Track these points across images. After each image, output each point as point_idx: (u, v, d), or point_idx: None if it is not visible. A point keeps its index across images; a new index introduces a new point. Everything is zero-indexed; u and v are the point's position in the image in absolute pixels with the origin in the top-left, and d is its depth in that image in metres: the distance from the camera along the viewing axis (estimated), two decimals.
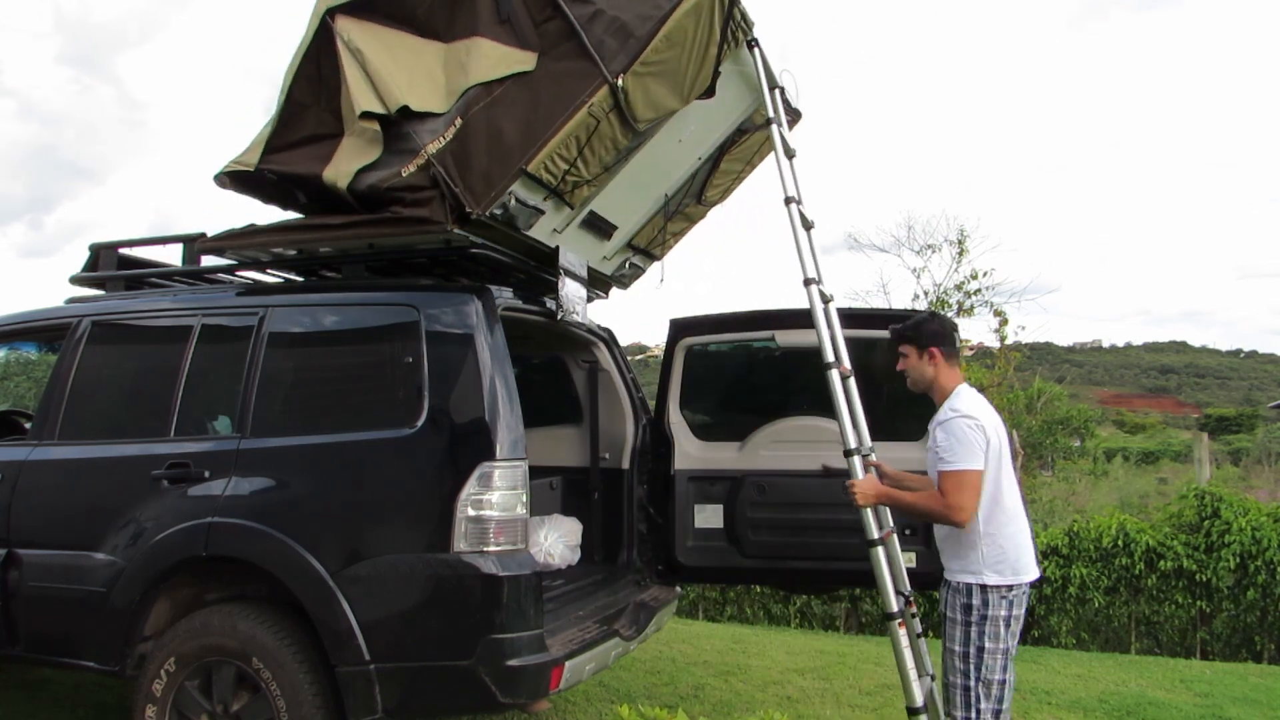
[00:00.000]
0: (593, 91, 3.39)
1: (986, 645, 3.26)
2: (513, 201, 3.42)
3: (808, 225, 3.94)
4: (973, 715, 3.26)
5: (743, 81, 4.11)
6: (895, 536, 3.71)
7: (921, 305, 12.18)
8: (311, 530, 3.35)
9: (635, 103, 3.47)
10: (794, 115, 4.57)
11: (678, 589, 4.90)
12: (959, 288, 12.24)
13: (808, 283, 3.77)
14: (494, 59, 3.53)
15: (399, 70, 3.54)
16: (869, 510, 3.54)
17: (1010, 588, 3.28)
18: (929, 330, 3.54)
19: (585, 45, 3.42)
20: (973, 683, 3.28)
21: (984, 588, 3.27)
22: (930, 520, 3.41)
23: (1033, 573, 3.34)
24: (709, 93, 3.71)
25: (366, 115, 3.46)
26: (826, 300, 3.82)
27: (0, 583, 3.80)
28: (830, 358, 3.71)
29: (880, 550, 3.54)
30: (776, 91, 4.16)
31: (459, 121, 3.44)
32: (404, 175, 3.42)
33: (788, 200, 3.85)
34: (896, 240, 13.97)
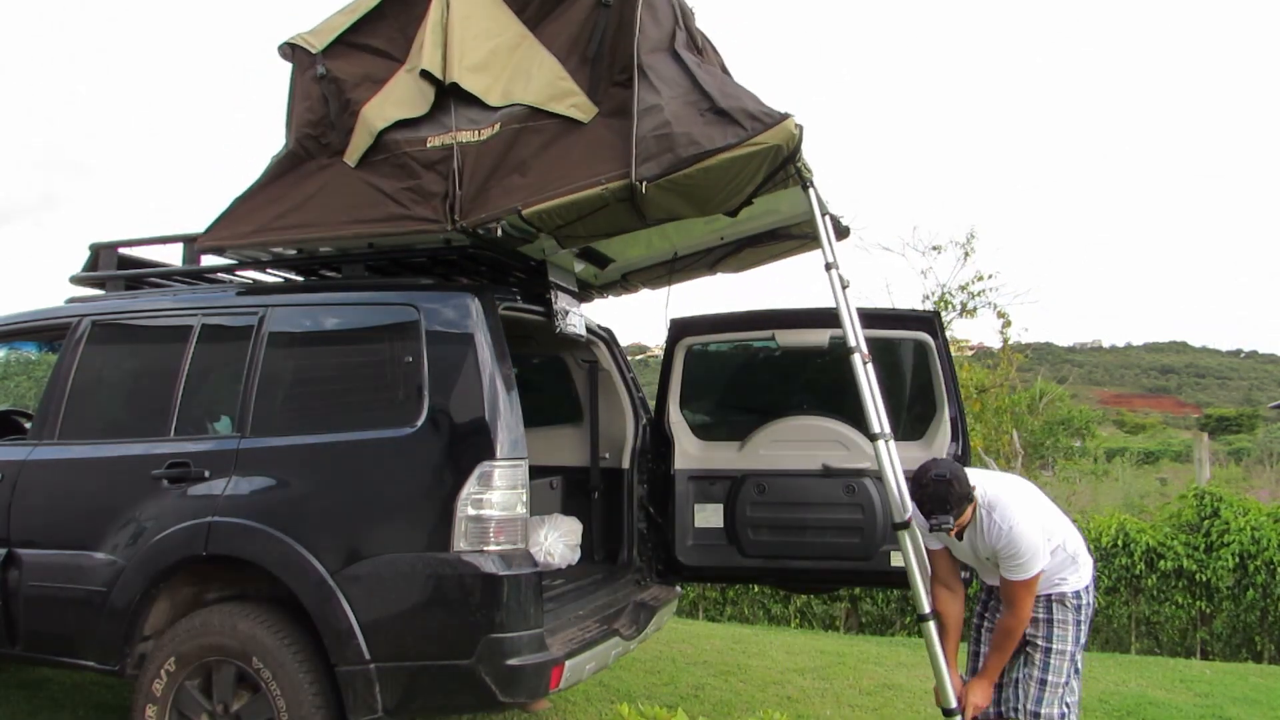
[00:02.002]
0: (613, 178, 3.27)
1: (1084, 640, 3.42)
2: (499, 232, 3.39)
3: (824, 211, 3.89)
4: (1067, 711, 3.35)
5: (785, 201, 3.92)
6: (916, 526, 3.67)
7: (928, 305, 12.17)
8: (312, 529, 3.35)
9: (649, 205, 3.32)
10: (842, 233, 4.34)
11: (678, 588, 4.90)
12: (963, 288, 12.24)
13: (828, 267, 3.74)
14: (557, 90, 3.44)
15: (474, 42, 3.47)
16: (921, 589, 3.48)
17: (1094, 578, 3.51)
18: (938, 494, 3.28)
19: (630, 131, 3.28)
20: (1069, 679, 3.38)
21: (1086, 588, 3.44)
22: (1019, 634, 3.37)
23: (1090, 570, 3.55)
24: (731, 214, 3.60)
25: (425, 74, 3.44)
26: (845, 285, 3.75)
27: (0, 582, 3.80)
28: (853, 343, 3.62)
29: (932, 624, 3.48)
30: (828, 219, 3.88)
31: (497, 127, 3.40)
32: (427, 146, 3.41)
33: (827, 266, 3.71)
34: (903, 241, 13.98)
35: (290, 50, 3.76)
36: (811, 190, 3.62)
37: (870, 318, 4.16)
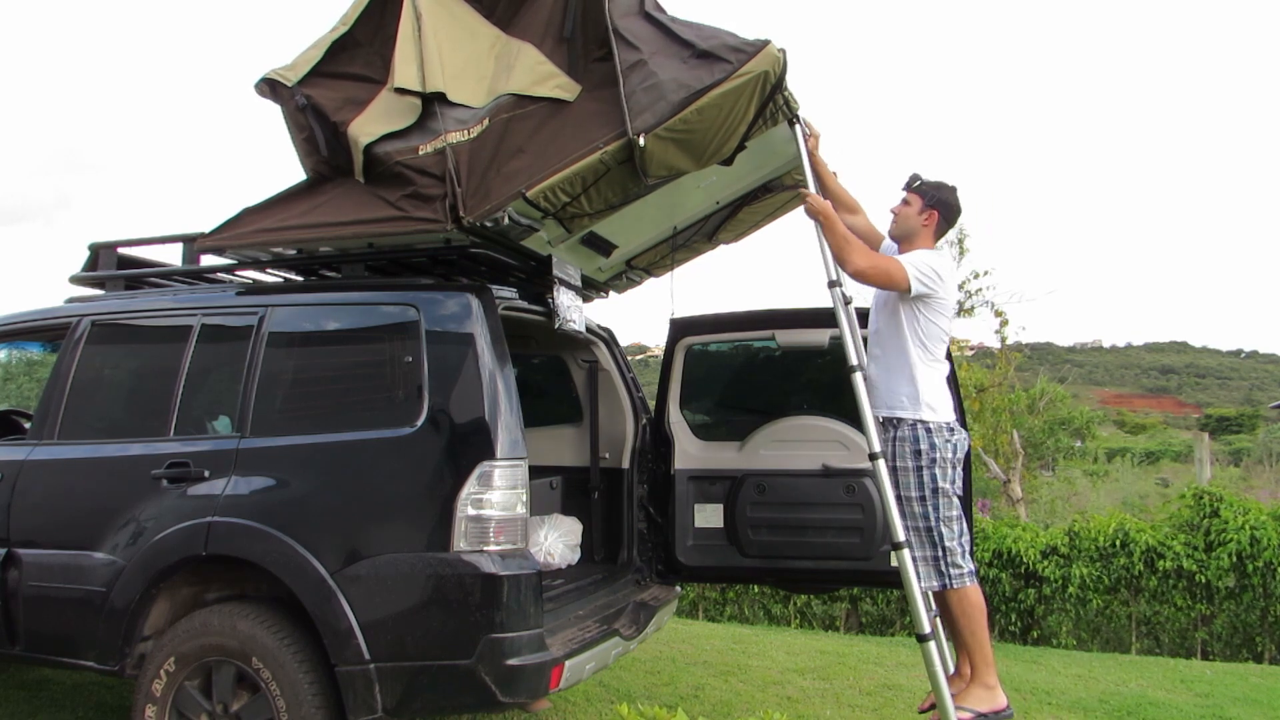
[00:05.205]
0: (610, 140, 3.32)
1: (941, 485, 3.58)
2: (505, 220, 3.40)
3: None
4: (940, 553, 3.55)
5: (774, 145, 3.96)
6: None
7: None
8: (311, 529, 3.35)
9: (650, 161, 3.34)
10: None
11: (678, 588, 4.90)
12: (960, 287, 12.25)
13: (831, 285, 3.76)
14: (539, 74, 3.50)
15: (450, 51, 3.50)
16: (920, 609, 3.51)
17: (951, 430, 3.65)
18: (941, 196, 3.81)
19: (619, 95, 3.34)
20: (934, 523, 3.58)
21: (929, 430, 3.60)
22: (831, 247, 3.68)
23: (952, 416, 3.72)
24: (726, 163, 3.63)
25: (401, 90, 3.45)
26: (847, 301, 3.79)
27: (0, 582, 3.80)
28: (854, 360, 3.65)
29: (932, 645, 3.51)
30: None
31: (486, 122, 3.43)
32: (419, 154, 3.41)
33: (831, 284, 3.75)
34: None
35: (268, 87, 3.75)
36: (798, 126, 3.71)
37: (866, 317, 4.18)
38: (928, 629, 3.49)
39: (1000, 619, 7.92)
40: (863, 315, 3.99)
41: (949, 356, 4.08)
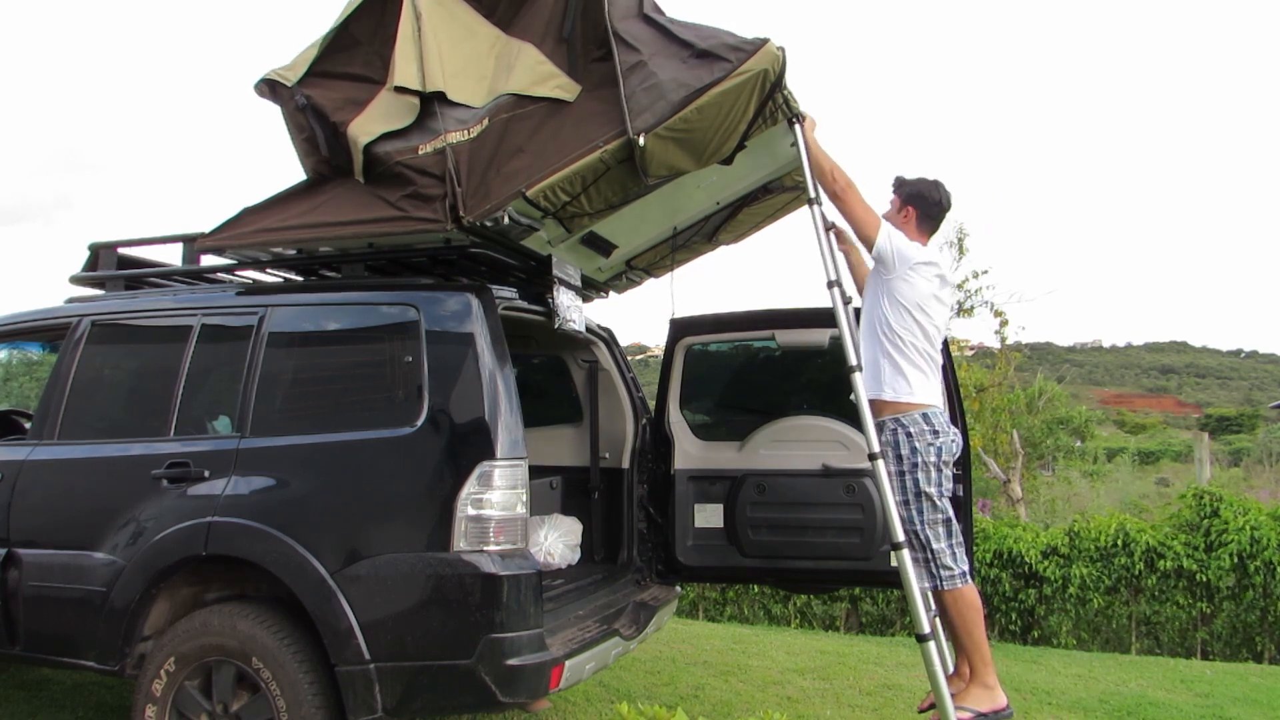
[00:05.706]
0: (610, 139, 3.33)
1: (924, 489, 3.59)
2: (505, 219, 3.41)
3: (828, 226, 3.91)
4: (929, 555, 3.59)
5: (774, 146, 3.96)
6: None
7: None
8: (312, 529, 3.35)
9: (650, 160, 3.35)
10: None
11: (678, 588, 4.90)
12: (960, 286, 12.26)
13: (831, 285, 3.76)
14: (539, 75, 3.51)
15: (450, 50, 3.51)
16: (920, 609, 3.51)
17: (935, 433, 3.61)
18: (915, 189, 3.79)
19: (619, 95, 3.35)
20: (919, 526, 3.60)
21: (909, 435, 3.58)
22: (819, 173, 3.70)
23: (924, 399, 3.66)
24: (726, 162, 3.63)
25: (400, 89, 3.45)
26: (847, 301, 3.80)
27: (0, 582, 3.80)
28: (854, 360, 3.64)
29: (931, 645, 3.51)
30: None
31: (486, 122, 3.43)
32: (419, 153, 3.42)
33: (830, 284, 3.74)
34: None
35: (268, 87, 3.75)
36: (798, 126, 3.70)
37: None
38: (927, 629, 3.49)
39: (1000, 619, 7.92)
40: (860, 313, 3.99)
41: (946, 353, 4.10)
